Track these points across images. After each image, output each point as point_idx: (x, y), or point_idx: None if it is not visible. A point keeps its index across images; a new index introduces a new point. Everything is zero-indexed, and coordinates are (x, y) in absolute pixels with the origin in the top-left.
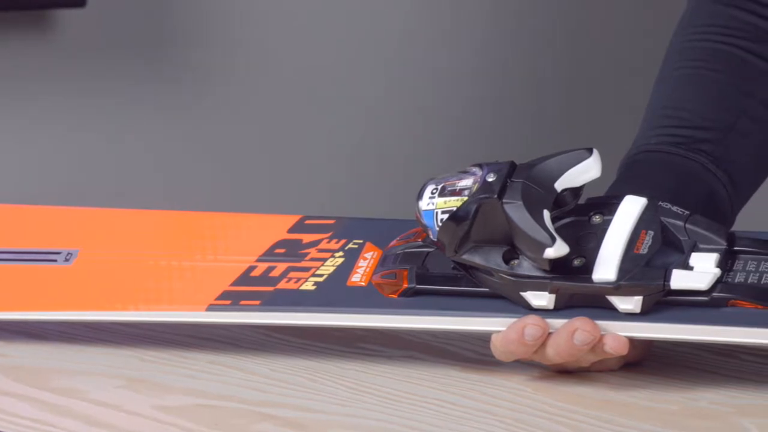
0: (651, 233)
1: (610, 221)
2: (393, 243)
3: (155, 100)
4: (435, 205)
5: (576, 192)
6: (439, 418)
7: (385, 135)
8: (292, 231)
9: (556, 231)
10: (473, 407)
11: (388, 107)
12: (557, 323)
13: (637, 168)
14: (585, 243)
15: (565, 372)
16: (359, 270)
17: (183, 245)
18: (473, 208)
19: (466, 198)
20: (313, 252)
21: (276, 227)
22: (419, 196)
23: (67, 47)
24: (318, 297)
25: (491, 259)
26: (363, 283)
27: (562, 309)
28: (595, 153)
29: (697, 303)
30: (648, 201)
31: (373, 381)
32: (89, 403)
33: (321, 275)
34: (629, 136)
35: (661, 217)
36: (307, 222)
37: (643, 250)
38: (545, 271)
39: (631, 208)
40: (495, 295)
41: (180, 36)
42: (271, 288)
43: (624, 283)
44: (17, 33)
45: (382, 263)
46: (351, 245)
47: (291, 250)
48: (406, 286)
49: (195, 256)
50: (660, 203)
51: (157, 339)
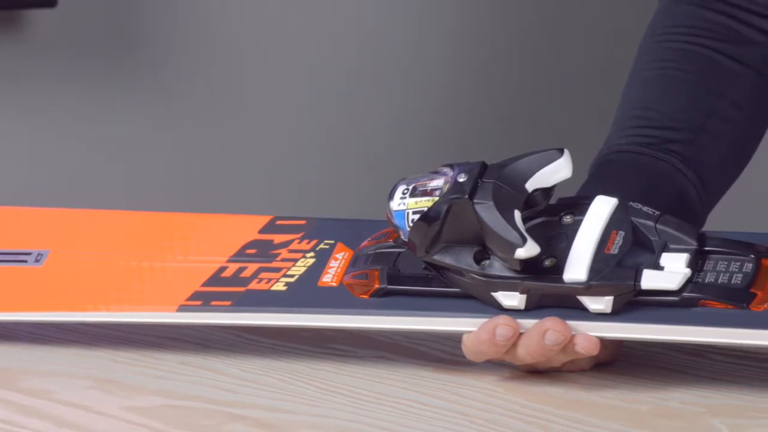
0: (622, 233)
1: (580, 221)
2: (364, 243)
3: (125, 100)
4: (406, 206)
5: (547, 192)
6: (410, 418)
7: (357, 135)
8: (263, 231)
9: (527, 231)
10: (444, 407)
11: (359, 107)
12: (528, 323)
13: (608, 168)
14: (556, 243)
15: (536, 372)
16: (330, 270)
17: (154, 246)
18: (444, 208)
19: (437, 198)
20: (284, 252)
21: (247, 228)
22: (390, 196)
23: (38, 47)
24: (289, 297)
25: (462, 260)
26: (334, 284)
27: (533, 309)
28: (566, 153)
29: (668, 303)
30: (619, 201)
31: (344, 381)
32: (59, 404)
33: (292, 276)
34: (600, 136)
35: (632, 218)
36: (279, 222)
37: (614, 250)
38: (516, 272)
39: (602, 208)
40: (466, 296)
41: (150, 36)
42: (242, 288)
43: (595, 284)
44: None
45: (353, 264)
46: (322, 246)
47: (262, 250)
48: (377, 286)
49: (166, 256)
50: (630, 203)
51: (128, 340)
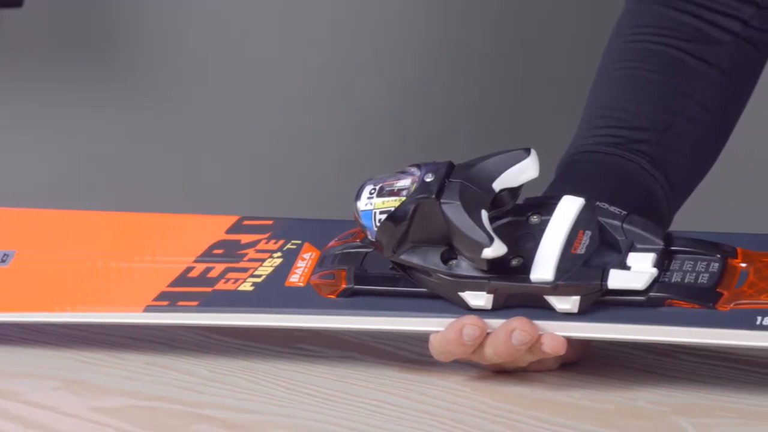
0: (588, 233)
1: (547, 221)
2: (331, 243)
3: (92, 99)
4: (373, 206)
5: (514, 192)
6: (377, 418)
7: (324, 135)
8: (230, 232)
9: (494, 231)
10: (411, 407)
11: (326, 108)
12: (495, 323)
13: (575, 168)
14: (523, 243)
15: (503, 372)
16: (297, 270)
17: (120, 246)
18: (411, 208)
19: (404, 198)
20: (252, 252)
21: (214, 228)
22: (357, 196)
23: (3, 47)
24: (256, 298)
25: (429, 260)
26: (301, 284)
27: (500, 309)
28: (533, 153)
29: (635, 303)
30: (585, 201)
31: (311, 381)
32: (25, 405)
33: (259, 276)
34: (567, 136)
35: (599, 217)
36: (246, 223)
37: (581, 250)
38: (483, 272)
39: (569, 208)
40: (433, 296)
41: (118, 36)
42: (209, 289)
43: (561, 283)
44: None
45: (320, 264)
46: (289, 246)
47: (229, 250)
48: (344, 286)
49: (132, 256)
50: (597, 203)
51: (95, 340)
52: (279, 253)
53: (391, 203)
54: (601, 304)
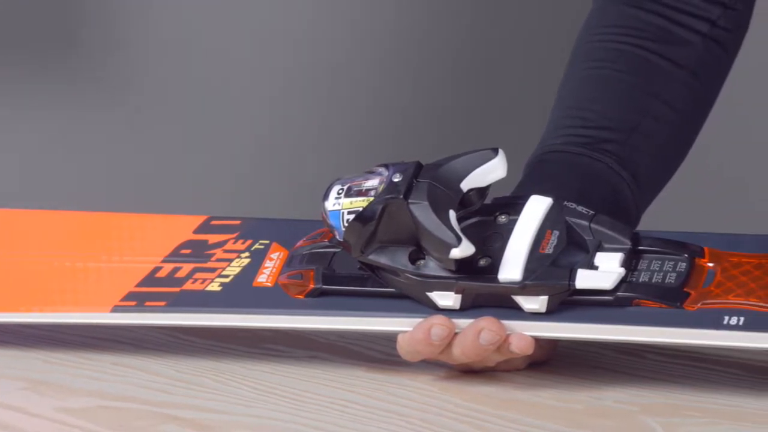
0: (556, 233)
1: (515, 221)
2: (299, 243)
3: (57, 100)
4: (341, 206)
5: (482, 192)
6: (345, 418)
7: (291, 135)
8: (198, 231)
9: (461, 231)
10: (379, 407)
11: (293, 107)
12: (463, 323)
13: (543, 168)
14: (491, 243)
15: (471, 372)
16: (265, 271)
17: (88, 246)
18: (379, 208)
19: (372, 198)
20: (219, 252)
21: (182, 228)
22: (325, 196)
23: None
24: (224, 298)
25: (397, 260)
26: (269, 284)
27: (468, 309)
28: (501, 153)
29: (602, 302)
30: (553, 201)
31: (279, 381)
32: None
33: (227, 276)
34: (535, 136)
35: (567, 217)
36: (213, 222)
37: (549, 249)
38: (451, 272)
39: (537, 208)
40: (401, 296)
41: (80, 36)
42: (177, 289)
43: (529, 283)
44: None
45: (288, 264)
46: (257, 246)
47: (197, 250)
48: (312, 286)
49: (100, 257)
50: (565, 203)
51: (62, 341)
52: (247, 253)
53: (359, 203)
54: (569, 303)
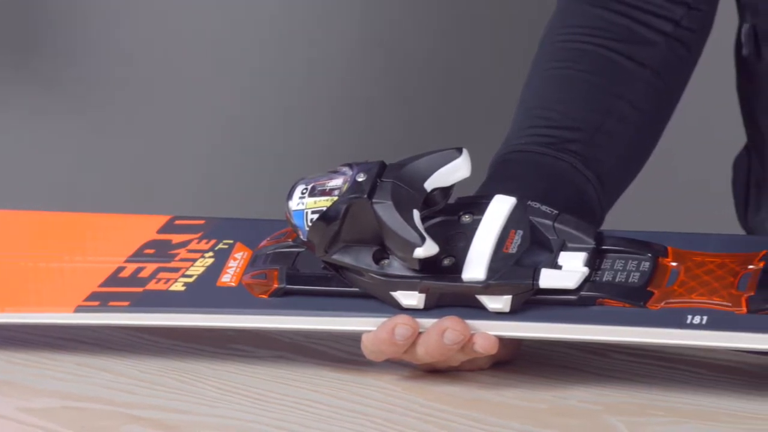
0: (520, 232)
1: (479, 221)
2: (263, 243)
3: (19, 101)
4: (305, 205)
5: (446, 191)
6: (310, 418)
7: (255, 135)
8: (161, 231)
9: (425, 231)
10: (344, 407)
11: (258, 107)
12: (427, 323)
13: (507, 168)
14: (455, 242)
15: (436, 371)
16: (229, 270)
17: (51, 246)
18: (343, 207)
19: (336, 198)
20: (183, 252)
21: (145, 228)
22: (289, 196)
23: None
24: (188, 298)
25: (361, 259)
26: (233, 284)
27: (432, 308)
28: (465, 153)
29: (566, 302)
30: (517, 200)
31: (243, 381)
32: None
33: (191, 276)
34: (499, 136)
35: (530, 217)
36: (177, 222)
37: (513, 249)
38: (415, 271)
39: (501, 207)
40: (365, 295)
41: (44, 38)
42: (140, 289)
43: (493, 283)
44: None
45: (252, 263)
46: (221, 245)
47: (160, 250)
48: (276, 286)
49: (63, 257)
50: (529, 203)
51: (25, 341)
52: (211, 253)
53: (323, 203)
54: (533, 303)
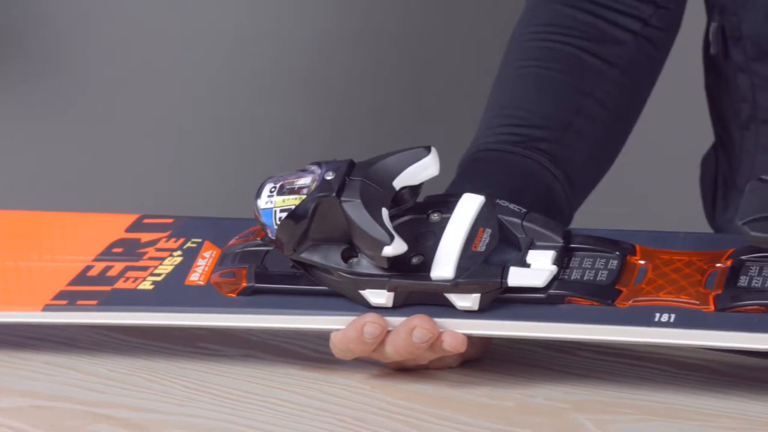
0: (489, 231)
1: (448, 219)
2: (232, 242)
3: None
4: (273, 204)
5: (414, 190)
6: (278, 417)
7: (224, 133)
8: (130, 230)
9: (394, 229)
10: (312, 406)
11: (226, 106)
12: (396, 321)
13: (476, 166)
14: (423, 241)
15: (404, 369)
16: (198, 269)
17: (18, 245)
18: (311, 206)
19: (304, 196)
20: (151, 251)
21: (114, 226)
22: (258, 194)
23: None
24: (156, 296)
25: (330, 258)
26: (202, 282)
27: (400, 307)
28: (433, 151)
29: (534, 300)
30: (486, 199)
31: (212, 380)
32: None
33: (159, 274)
34: (468, 134)
35: (499, 215)
36: (146, 221)
37: (481, 247)
38: (384, 270)
39: (469, 206)
40: (334, 294)
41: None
42: (109, 288)
43: (461, 281)
44: None
45: (220, 262)
46: (189, 244)
47: (129, 249)
48: (244, 285)
49: (31, 255)
50: (498, 201)
51: None
52: (179, 252)
53: (292, 201)
54: (502, 301)
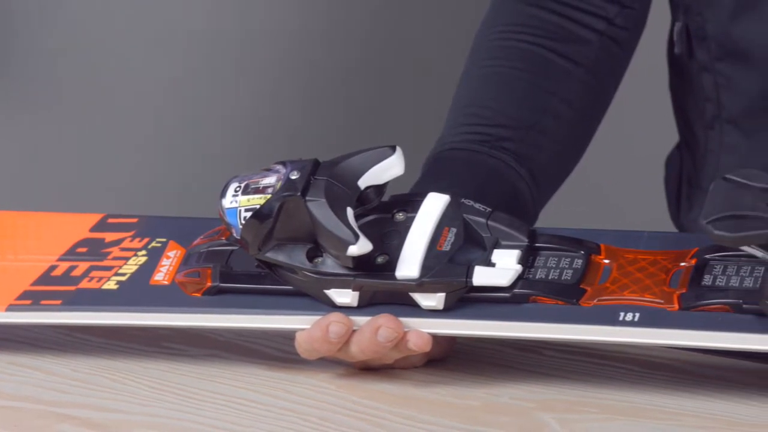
0: (454, 230)
1: (413, 219)
2: (196, 241)
3: None
4: (238, 203)
5: (379, 189)
6: (243, 417)
7: (188, 132)
8: (94, 230)
9: (359, 228)
10: (277, 405)
11: (190, 105)
12: (361, 320)
13: (441, 166)
14: (388, 240)
15: (369, 369)
16: (162, 269)
17: None
18: (276, 205)
19: (269, 196)
20: (116, 251)
21: (78, 226)
22: (222, 194)
23: None
24: (121, 296)
25: (295, 257)
26: (166, 282)
27: (366, 306)
28: (398, 151)
29: (499, 299)
30: (451, 198)
31: (177, 380)
32: None
33: (123, 274)
34: (433, 133)
35: (464, 214)
36: (110, 221)
37: (446, 247)
38: (348, 269)
39: (434, 205)
40: (299, 293)
41: None
42: (73, 287)
43: (426, 280)
44: None
45: (185, 262)
46: (154, 244)
47: (93, 249)
48: (209, 284)
49: None
50: (463, 200)
51: None
52: (144, 252)
53: (257, 201)
54: (467, 300)
